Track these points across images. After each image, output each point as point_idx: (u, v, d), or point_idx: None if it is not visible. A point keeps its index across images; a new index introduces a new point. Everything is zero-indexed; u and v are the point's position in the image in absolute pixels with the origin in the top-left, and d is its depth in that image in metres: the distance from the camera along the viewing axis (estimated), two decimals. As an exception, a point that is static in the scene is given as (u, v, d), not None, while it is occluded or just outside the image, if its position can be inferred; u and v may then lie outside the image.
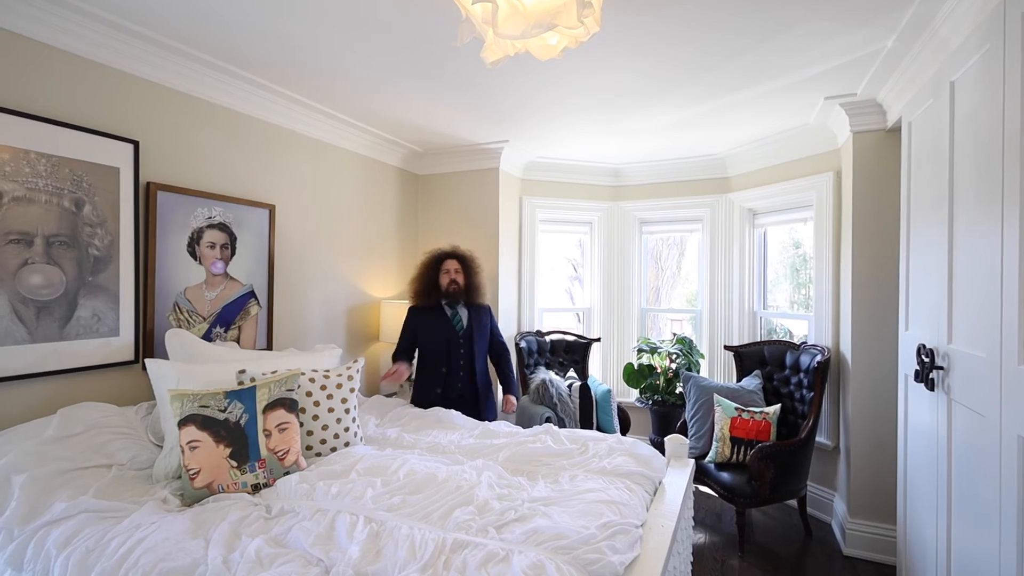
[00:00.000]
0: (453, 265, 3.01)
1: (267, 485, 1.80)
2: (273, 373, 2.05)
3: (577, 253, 4.82)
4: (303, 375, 2.13)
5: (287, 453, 1.87)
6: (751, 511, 3.38)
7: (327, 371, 2.21)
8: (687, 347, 3.96)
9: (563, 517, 1.45)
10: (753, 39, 2.18)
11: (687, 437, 3.31)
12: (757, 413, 3.04)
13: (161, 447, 1.96)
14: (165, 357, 2.25)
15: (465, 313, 3.02)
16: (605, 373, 4.46)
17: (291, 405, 1.95)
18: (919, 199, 2.18)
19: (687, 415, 3.37)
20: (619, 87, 2.70)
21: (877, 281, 2.82)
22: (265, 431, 1.85)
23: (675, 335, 4.11)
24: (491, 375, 3.13)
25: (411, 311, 3.05)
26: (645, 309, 4.54)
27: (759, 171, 3.77)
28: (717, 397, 3.17)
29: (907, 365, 2.25)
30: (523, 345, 3.90)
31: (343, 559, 1.32)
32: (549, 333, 4.20)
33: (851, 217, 2.88)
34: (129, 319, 2.26)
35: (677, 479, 1.90)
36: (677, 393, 3.92)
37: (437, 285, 3.01)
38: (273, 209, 2.89)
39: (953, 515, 1.83)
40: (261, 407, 1.87)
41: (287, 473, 1.85)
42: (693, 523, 3.18)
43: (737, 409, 3.07)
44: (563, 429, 2.27)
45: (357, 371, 2.28)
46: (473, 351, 2.98)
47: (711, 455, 3.09)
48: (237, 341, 2.70)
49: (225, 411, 1.80)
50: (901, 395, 2.36)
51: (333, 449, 2.10)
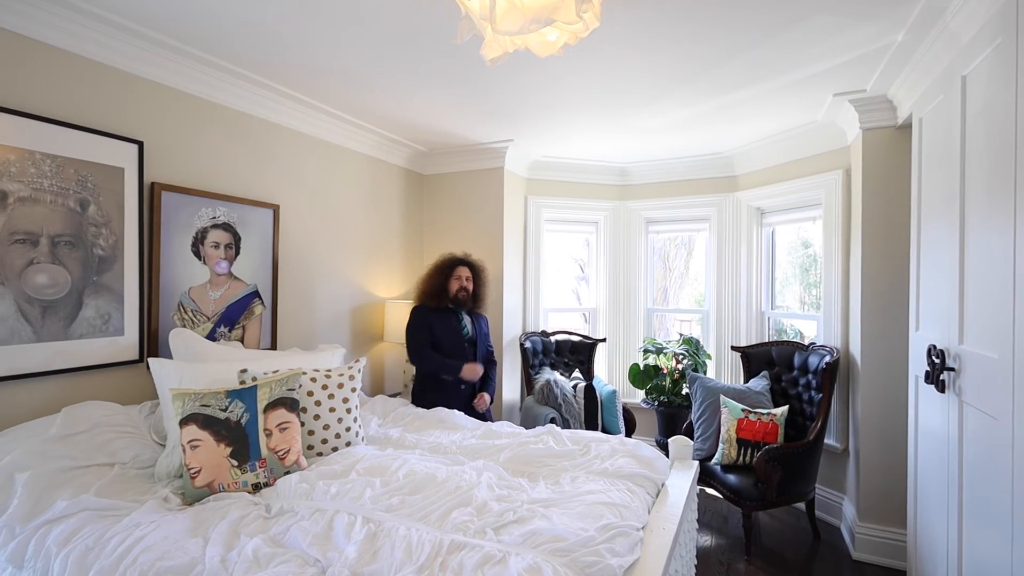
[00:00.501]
0: (465, 273, 3.08)
1: (267, 484, 1.80)
2: (274, 372, 2.05)
3: (584, 253, 4.79)
4: (304, 375, 2.13)
5: (288, 452, 1.87)
6: (758, 514, 3.34)
7: (328, 371, 2.21)
8: (693, 348, 3.92)
9: (562, 519, 1.43)
10: (759, 35, 2.15)
11: (693, 438, 3.28)
12: (764, 414, 3.00)
13: (164, 446, 1.97)
14: (169, 356, 2.26)
15: (469, 321, 3.11)
16: (611, 374, 4.43)
17: (292, 404, 1.95)
18: (930, 197, 2.14)
19: (693, 416, 3.34)
20: (623, 85, 2.68)
21: (887, 280, 2.77)
22: (266, 430, 1.85)
23: (681, 335, 4.07)
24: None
25: (422, 310, 3.05)
26: (651, 309, 4.50)
27: (767, 169, 3.72)
28: (723, 398, 3.14)
29: (917, 366, 2.21)
30: (528, 345, 3.88)
31: (340, 559, 1.31)
32: (554, 333, 4.18)
33: (860, 216, 2.83)
34: (134, 318, 2.27)
35: (680, 481, 1.87)
36: (683, 394, 3.88)
37: (446, 290, 3.05)
38: (277, 209, 2.89)
39: (965, 520, 1.79)
40: (262, 406, 1.87)
41: (288, 472, 1.85)
42: (698, 525, 3.16)
43: (744, 410, 3.03)
44: (566, 430, 2.25)
45: (359, 371, 2.27)
46: (476, 357, 3.07)
47: (717, 457, 3.05)
48: (241, 341, 2.71)
49: (226, 410, 1.80)
50: (911, 397, 2.31)
51: (334, 449, 2.10)
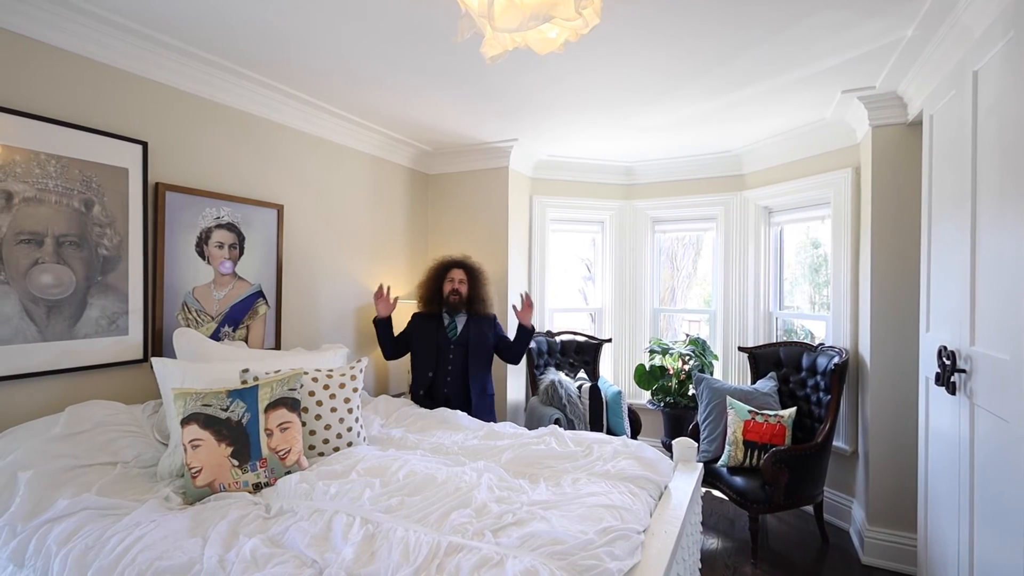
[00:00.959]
0: (458, 275, 3.04)
1: (268, 484, 1.80)
2: (276, 372, 2.05)
3: (591, 253, 4.76)
4: (306, 374, 2.12)
5: (288, 452, 1.87)
6: (765, 517, 3.30)
7: (330, 371, 2.21)
8: (700, 348, 3.88)
9: (562, 521, 1.41)
10: (764, 31, 2.11)
11: (699, 440, 3.24)
12: (772, 416, 2.96)
13: (167, 445, 1.98)
14: (173, 356, 2.27)
15: (463, 321, 3.04)
16: (616, 374, 4.40)
17: (293, 404, 1.95)
18: (941, 195, 2.10)
19: (699, 417, 3.30)
20: (627, 83, 2.65)
21: (897, 280, 2.73)
22: (267, 430, 1.85)
23: (688, 336, 4.04)
24: (491, 385, 3.12)
25: (412, 316, 3.13)
26: (658, 309, 4.47)
27: (775, 168, 3.68)
28: (730, 399, 3.10)
29: (928, 367, 2.16)
30: (533, 346, 3.86)
31: (337, 560, 1.30)
32: (560, 333, 4.16)
33: (870, 214, 2.79)
34: (138, 318, 2.28)
35: (684, 483, 1.85)
36: (690, 395, 3.85)
37: (440, 292, 3.04)
38: (281, 209, 2.90)
39: (976, 524, 1.75)
40: (263, 406, 1.86)
41: (288, 472, 1.85)
42: (704, 528, 3.12)
43: (751, 412, 3.00)
44: (568, 431, 2.23)
45: (360, 371, 2.27)
46: (466, 360, 2.97)
47: (723, 459, 3.01)
48: (245, 340, 2.72)
49: (227, 410, 1.80)
50: (922, 399, 2.27)
51: (336, 449, 2.09)
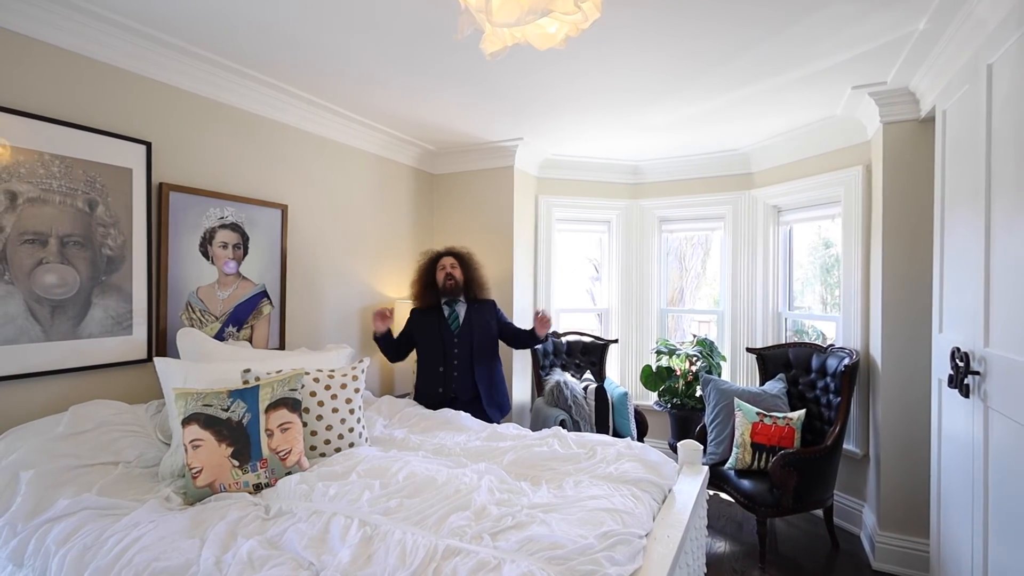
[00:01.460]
0: (449, 261, 3.01)
1: (268, 485, 1.79)
2: (277, 372, 2.04)
3: (598, 253, 4.72)
4: (307, 375, 2.12)
5: (289, 453, 1.86)
6: (774, 521, 3.25)
7: (332, 371, 2.20)
8: (707, 349, 3.84)
9: (561, 525, 1.39)
10: (770, 27, 2.08)
11: (706, 442, 3.20)
12: (780, 418, 2.91)
13: (169, 445, 1.98)
14: (177, 356, 2.27)
15: (463, 310, 3.00)
16: (623, 375, 4.36)
17: (294, 405, 1.94)
18: (954, 192, 2.04)
19: (706, 419, 3.26)
20: (632, 82, 2.62)
21: (909, 280, 2.67)
22: (267, 431, 1.84)
23: (695, 336, 3.99)
24: (500, 371, 3.08)
25: (411, 312, 3.09)
26: (665, 310, 4.42)
27: (784, 166, 3.62)
28: (738, 401, 3.05)
29: (940, 369, 2.11)
30: (538, 346, 3.84)
31: (333, 563, 1.29)
32: (566, 334, 4.13)
33: (881, 213, 2.73)
34: (142, 318, 2.29)
35: (688, 487, 1.81)
36: (697, 396, 3.80)
37: (435, 283, 3.00)
38: (285, 209, 2.90)
39: (990, 530, 1.70)
40: (263, 406, 1.86)
41: (289, 473, 1.84)
42: (711, 531, 3.08)
43: (759, 414, 2.95)
44: (571, 433, 2.21)
45: (362, 371, 2.26)
46: (471, 349, 2.93)
47: (731, 461, 2.97)
48: (250, 340, 2.72)
49: (228, 410, 1.80)
50: (934, 401, 2.22)
51: (337, 450, 2.08)
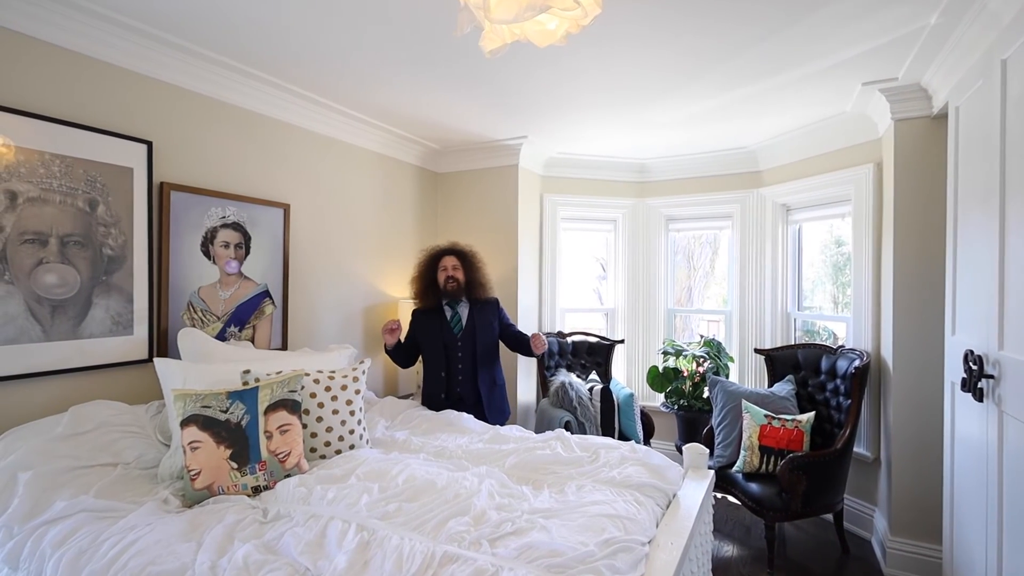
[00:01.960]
0: (451, 262, 2.90)
1: (267, 487, 1.77)
2: (277, 374, 2.03)
3: (605, 253, 4.68)
4: (307, 376, 2.10)
5: (288, 455, 1.84)
6: (782, 525, 3.20)
7: (332, 372, 2.18)
8: (715, 350, 3.79)
9: (562, 531, 1.36)
10: (777, 22, 2.03)
11: (714, 444, 3.15)
12: (789, 421, 2.86)
13: (169, 446, 1.97)
14: (179, 356, 2.26)
15: (466, 312, 2.90)
16: (629, 376, 4.32)
17: (293, 406, 1.92)
18: (967, 191, 1.99)
19: (714, 421, 3.21)
20: (636, 80, 2.59)
21: (921, 281, 2.61)
22: (266, 432, 1.82)
23: (702, 337, 3.94)
24: (501, 374, 3.03)
25: (413, 314, 3.00)
26: (672, 310, 4.37)
27: (793, 164, 3.57)
28: (745, 403, 3.01)
29: (953, 372, 2.06)
30: (542, 348, 3.80)
31: (329, 569, 1.27)
32: (571, 334, 4.09)
33: (893, 211, 2.67)
34: (143, 318, 2.28)
35: (694, 492, 1.78)
36: (704, 398, 3.75)
37: (436, 284, 2.91)
38: (288, 208, 2.89)
39: (1005, 537, 1.66)
40: (262, 408, 1.84)
41: (288, 476, 1.82)
42: (718, 535, 3.03)
43: (767, 416, 2.90)
44: (574, 435, 2.18)
45: (363, 372, 2.24)
46: (475, 352, 2.85)
47: (739, 464, 2.92)
48: (252, 341, 2.71)
49: (226, 412, 1.78)
50: (947, 405, 2.16)
51: (338, 452, 2.06)
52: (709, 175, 4.06)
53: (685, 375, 3.84)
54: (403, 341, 2.98)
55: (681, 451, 3.74)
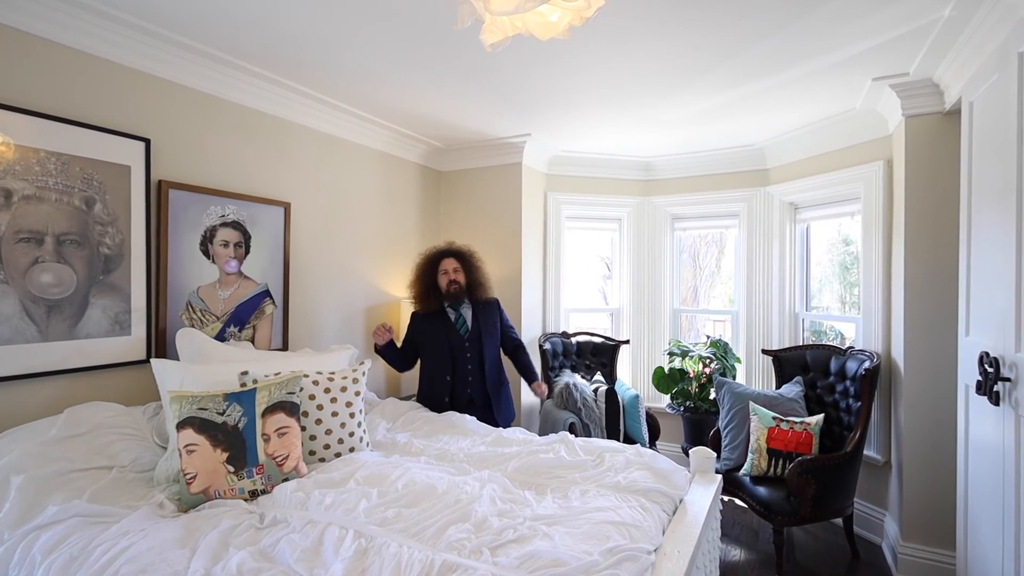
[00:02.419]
0: (451, 264, 2.83)
1: (265, 491, 1.74)
2: (276, 375, 1.99)
3: (610, 252, 4.63)
4: (306, 377, 2.06)
5: (286, 459, 1.80)
6: (790, 529, 3.15)
7: (332, 373, 2.15)
8: (721, 350, 3.73)
9: (565, 539, 1.32)
10: (785, 15, 1.99)
11: (720, 447, 3.10)
12: (797, 423, 2.81)
13: (166, 449, 1.93)
14: (177, 357, 2.23)
15: (470, 313, 2.85)
16: (634, 377, 4.27)
17: (292, 408, 1.88)
18: (982, 188, 1.94)
19: (721, 423, 3.16)
20: (643, 76, 2.54)
21: (934, 280, 2.55)
22: (264, 435, 1.79)
23: (709, 337, 3.89)
24: (505, 373, 2.97)
25: (413, 318, 2.90)
26: (678, 310, 4.32)
27: (801, 162, 3.51)
28: (753, 405, 2.95)
29: (968, 375, 2.00)
30: (547, 347, 3.76)
31: (325, 578, 1.23)
32: (576, 334, 4.05)
33: (904, 210, 2.62)
34: (141, 318, 2.25)
35: (701, 497, 1.73)
36: (710, 399, 3.70)
37: (436, 286, 2.83)
38: (288, 207, 2.85)
39: (1023, 544, 1.60)
40: (260, 410, 1.81)
41: (286, 479, 1.78)
42: (726, 539, 2.98)
43: (775, 419, 2.85)
44: (579, 439, 2.13)
45: (363, 374, 2.20)
46: (482, 353, 2.81)
47: (746, 467, 2.87)
48: (252, 341, 2.68)
49: (224, 414, 1.75)
50: (960, 408, 2.11)
51: (337, 455, 2.03)
52: (715, 173, 4.00)
53: (691, 376, 3.79)
54: (400, 344, 2.91)
55: (687, 453, 3.71)
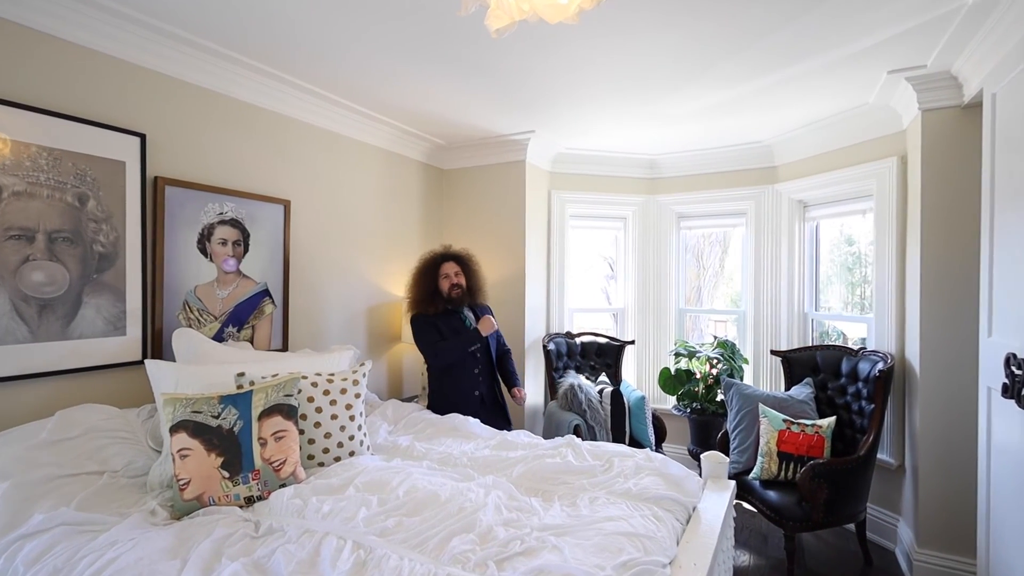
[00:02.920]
0: (452, 268, 2.81)
1: (261, 498, 1.67)
2: (273, 377, 1.93)
3: (613, 252, 4.56)
4: (304, 379, 2.00)
5: (283, 463, 1.74)
6: (801, 534, 3.07)
7: (331, 375, 2.08)
8: (729, 351, 3.66)
9: (575, 552, 1.25)
10: (796, 7, 1.91)
11: (729, 449, 3.03)
12: (808, 426, 2.74)
13: (161, 452, 1.87)
14: (173, 358, 2.17)
15: (472, 316, 2.87)
16: (639, 378, 4.20)
17: (289, 411, 1.82)
18: (1005, 183, 1.86)
19: (729, 426, 3.09)
20: (649, 70, 2.48)
21: (951, 279, 2.48)
22: (260, 439, 1.72)
23: (715, 338, 3.81)
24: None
25: (422, 316, 2.78)
26: (683, 310, 4.25)
27: (811, 159, 3.43)
28: (763, 407, 2.88)
29: (991, 377, 1.93)
30: (551, 347, 3.70)
31: (322, 592, 1.16)
32: (580, 335, 3.98)
33: (920, 207, 2.54)
34: (136, 318, 2.19)
35: (715, 505, 1.66)
36: (718, 401, 3.63)
37: (438, 291, 2.78)
38: (288, 205, 2.79)
39: (1053, 558, 1.53)
40: (256, 413, 1.74)
41: (283, 485, 1.72)
42: (735, 544, 2.91)
43: (785, 421, 2.77)
44: (586, 442, 2.06)
45: (363, 375, 2.13)
46: (490, 354, 2.84)
47: (756, 471, 2.80)
48: (251, 341, 2.61)
49: (218, 417, 1.69)
50: (983, 411, 2.03)
51: (336, 459, 1.96)
52: (722, 171, 3.93)
53: (698, 377, 3.72)
54: (435, 336, 2.76)
55: (694, 456, 3.64)
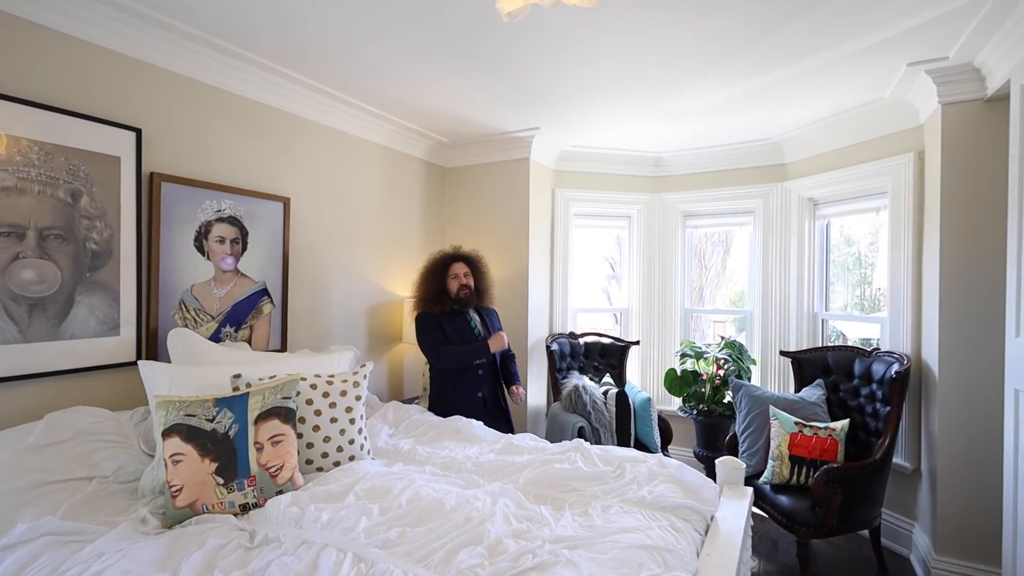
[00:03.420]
0: (462, 269, 2.80)
1: (257, 505, 1.60)
2: (271, 378, 1.86)
3: (614, 252, 4.49)
4: (303, 381, 1.92)
5: (280, 469, 1.67)
6: (813, 540, 2.99)
7: (331, 376, 2.01)
8: (737, 352, 3.58)
9: (592, 567, 1.17)
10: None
11: (737, 453, 2.95)
12: (821, 429, 2.66)
13: (153, 457, 1.80)
14: (168, 358, 2.10)
15: (478, 318, 2.85)
16: (644, 379, 4.12)
17: (287, 415, 1.75)
18: (1034, 177, 1.79)
19: (737, 428, 3.01)
20: (655, 66, 2.43)
21: (972, 278, 2.40)
22: (256, 444, 1.65)
23: (723, 339, 3.74)
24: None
25: (427, 316, 2.74)
26: (688, 310, 4.17)
27: (822, 155, 3.36)
28: (774, 409, 2.80)
29: (1017, 378, 1.86)
30: (555, 348, 3.62)
31: (321, 609, 1.09)
32: (583, 335, 3.90)
33: (939, 203, 2.46)
34: (130, 317, 2.12)
35: (733, 514, 1.58)
36: (725, 402, 3.55)
37: (446, 291, 2.76)
38: (288, 202, 2.72)
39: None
40: (253, 417, 1.67)
41: (280, 492, 1.65)
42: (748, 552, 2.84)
43: (797, 424, 2.70)
44: (595, 447, 1.99)
45: (364, 377, 2.06)
46: (494, 356, 2.79)
47: (766, 475, 2.72)
48: (249, 342, 2.54)
49: (213, 421, 1.62)
50: (1008, 413, 1.96)
51: (336, 464, 1.89)
52: (730, 168, 3.85)
53: (704, 378, 3.64)
54: (439, 338, 2.71)
55: (699, 458, 3.57)
